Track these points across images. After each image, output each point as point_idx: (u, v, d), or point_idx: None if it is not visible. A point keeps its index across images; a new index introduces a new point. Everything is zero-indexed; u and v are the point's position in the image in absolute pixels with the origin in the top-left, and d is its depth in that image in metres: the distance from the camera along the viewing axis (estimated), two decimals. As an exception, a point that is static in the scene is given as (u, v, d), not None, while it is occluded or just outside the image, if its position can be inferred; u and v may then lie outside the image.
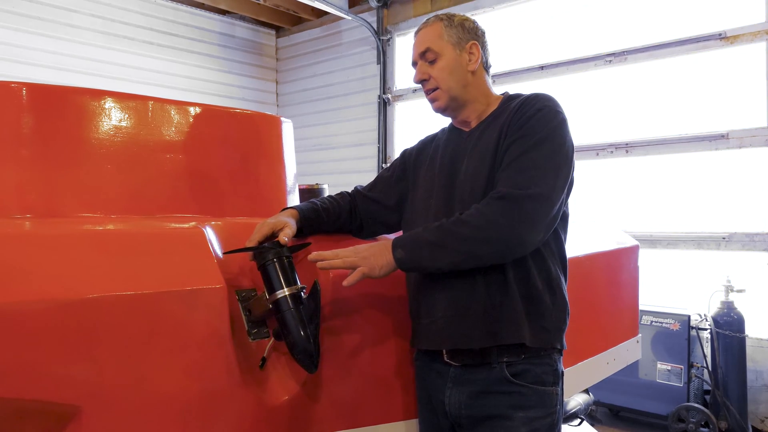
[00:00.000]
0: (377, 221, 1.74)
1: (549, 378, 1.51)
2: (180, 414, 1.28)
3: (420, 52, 1.62)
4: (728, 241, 4.62)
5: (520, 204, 1.38)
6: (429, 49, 1.60)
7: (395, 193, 1.73)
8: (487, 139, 1.56)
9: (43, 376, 1.14)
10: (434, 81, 1.60)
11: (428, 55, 1.60)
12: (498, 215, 1.38)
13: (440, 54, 1.59)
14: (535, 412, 1.47)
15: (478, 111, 1.63)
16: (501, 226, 1.37)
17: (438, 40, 1.59)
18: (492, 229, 1.38)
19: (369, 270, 1.42)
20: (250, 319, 1.49)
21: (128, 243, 1.35)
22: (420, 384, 1.65)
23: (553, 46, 5.55)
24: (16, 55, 5.66)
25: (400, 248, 1.44)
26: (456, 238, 1.40)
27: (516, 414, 1.46)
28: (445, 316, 1.51)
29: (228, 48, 7.49)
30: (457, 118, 1.66)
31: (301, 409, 1.48)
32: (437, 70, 1.59)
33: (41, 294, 1.15)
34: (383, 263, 1.43)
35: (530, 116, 1.49)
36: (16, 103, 1.55)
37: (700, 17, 4.77)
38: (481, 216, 1.39)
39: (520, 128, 1.48)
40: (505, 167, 1.46)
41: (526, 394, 1.47)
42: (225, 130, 1.82)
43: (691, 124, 4.82)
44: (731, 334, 4.21)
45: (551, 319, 1.52)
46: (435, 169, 1.65)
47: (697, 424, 4.15)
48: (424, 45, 1.61)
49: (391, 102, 6.82)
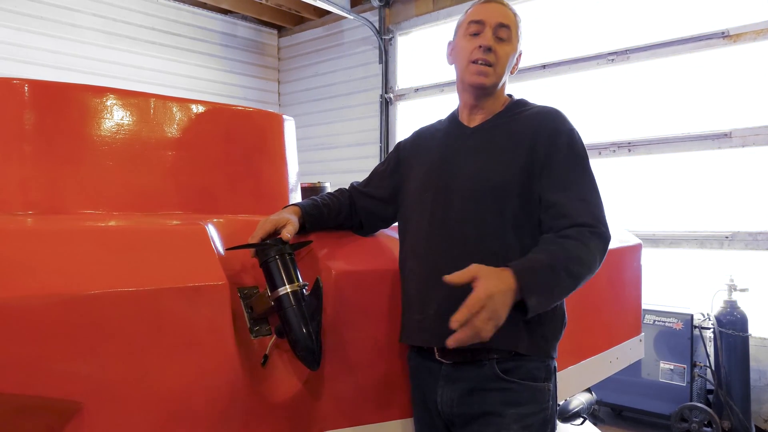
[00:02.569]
0: (375, 217, 1.73)
1: (541, 374, 1.49)
2: (182, 411, 1.28)
3: (500, 23, 1.54)
4: (731, 240, 4.61)
5: (604, 241, 1.47)
6: (509, 27, 1.55)
7: (389, 186, 1.71)
8: (499, 142, 1.55)
9: (46, 372, 1.13)
10: (495, 57, 1.54)
11: (503, 32, 1.54)
12: (596, 252, 1.44)
13: (510, 40, 1.56)
14: (527, 409, 1.45)
15: (491, 109, 1.61)
16: (596, 261, 1.44)
17: (515, 28, 1.57)
18: (594, 264, 1.44)
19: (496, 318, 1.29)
20: (252, 317, 1.48)
21: (130, 240, 1.35)
22: (414, 383, 1.63)
23: (555, 45, 5.54)
24: (19, 55, 5.67)
25: (535, 296, 1.33)
26: (576, 278, 1.42)
27: (508, 410, 1.44)
28: (437, 313, 1.46)
29: (230, 47, 7.49)
30: (476, 104, 1.61)
31: (302, 406, 1.48)
32: (504, 52, 1.55)
33: (44, 290, 1.15)
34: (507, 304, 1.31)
35: (566, 132, 1.53)
36: (19, 100, 1.55)
37: (703, 15, 4.76)
38: (590, 254, 1.42)
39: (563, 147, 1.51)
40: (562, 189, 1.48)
41: (517, 391, 1.46)
42: (227, 128, 1.82)
43: (694, 122, 4.81)
44: (734, 333, 4.19)
45: (550, 327, 1.50)
46: (431, 162, 1.62)
47: (700, 423, 4.13)
48: (506, 20, 1.55)
49: (393, 101, 6.82)
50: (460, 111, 1.68)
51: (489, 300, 1.25)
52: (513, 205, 1.50)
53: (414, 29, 6.63)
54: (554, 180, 1.49)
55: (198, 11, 7.14)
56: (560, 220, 1.46)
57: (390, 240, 1.79)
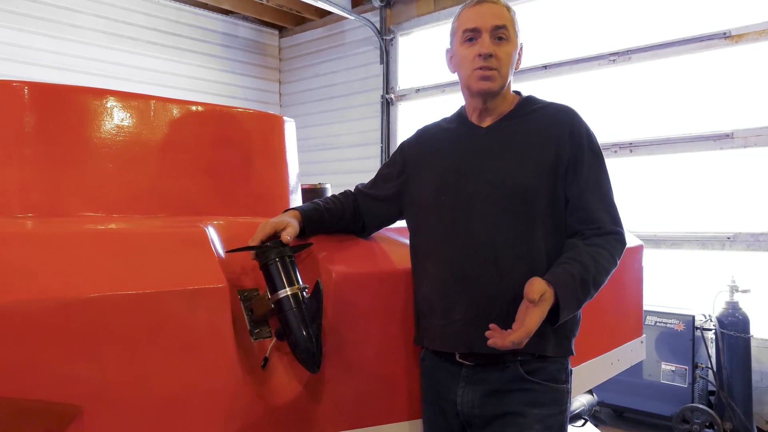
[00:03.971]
0: (380, 218, 1.72)
1: (562, 375, 1.51)
2: (182, 414, 1.28)
3: (496, 26, 1.50)
4: (733, 241, 4.60)
5: (624, 245, 1.52)
6: (506, 27, 1.51)
7: (394, 187, 1.70)
8: (517, 142, 1.54)
9: (46, 375, 1.13)
10: (497, 61, 1.51)
11: (501, 33, 1.51)
12: (618, 258, 1.50)
13: (510, 39, 1.52)
14: (549, 410, 1.47)
15: (501, 108, 1.59)
16: (616, 263, 1.50)
17: (511, 26, 1.53)
18: (614, 267, 1.49)
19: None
20: (252, 319, 1.48)
21: (130, 242, 1.35)
22: (428, 384, 1.61)
23: (557, 46, 5.53)
24: (20, 56, 5.67)
25: (567, 311, 1.40)
26: (600, 286, 1.47)
27: (530, 411, 1.45)
28: (463, 319, 1.48)
29: (231, 48, 7.49)
30: (486, 107, 1.58)
31: (303, 409, 1.47)
32: (504, 52, 1.51)
33: (43, 293, 1.15)
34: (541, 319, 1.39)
35: (585, 132, 1.55)
36: (19, 102, 1.54)
37: (705, 16, 4.74)
38: (614, 262, 1.48)
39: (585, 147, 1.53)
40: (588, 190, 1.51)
41: (540, 392, 1.47)
42: (227, 130, 1.82)
43: (696, 123, 4.80)
44: (736, 334, 4.19)
45: (570, 327, 1.53)
46: (445, 164, 1.59)
47: (701, 425, 4.12)
48: (502, 20, 1.51)
49: (394, 102, 6.81)
50: (469, 112, 1.64)
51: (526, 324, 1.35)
52: (540, 207, 1.49)
53: (415, 30, 6.63)
54: (580, 181, 1.51)
55: (199, 12, 7.14)
56: (588, 225, 1.50)
57: (390, 242, 1.78)
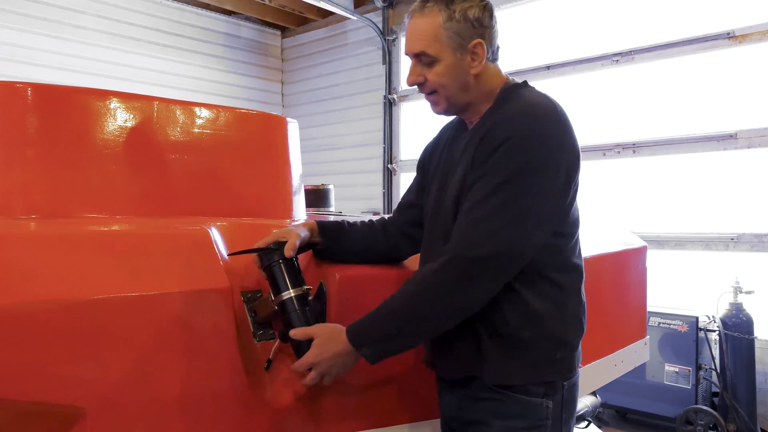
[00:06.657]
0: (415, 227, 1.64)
1: (538, 389, 1.40)
2: (185, 416, 1.27)
3: (414, 53, 1.40)
4: (737, 242, 4.59)
5: (465, 269, 1.29)
6: (424, 53, 1.38)
7: (419, 191, 1.65)
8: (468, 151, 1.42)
9: (48, 377, 1.13)
10: (431, 85, 1.42)
11: (423, 59, 1.39)
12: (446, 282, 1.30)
13: (438, 59, 1.38)
14: (516, 423, 1.40)
15: (480, 107, 1.47)
16: (450, 293, 1.31)
17: (435, 43, 1.37)
18: (444, 300, 1.32)
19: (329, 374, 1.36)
20: (255, 321, 1.48)
21: (134, 244, 1.35)
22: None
23: (560, 46, 5.52)
24: (22, 56, 5.69)
25: (364, 347, 1.33)
26: (412, 321, 1.33)
27: (494, 421, 1.42)
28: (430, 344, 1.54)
29: (233, 48, 7.50)
30: (464, 117, 1.53)
31: (306, 410, 1.47)
32: (434, 74, 1.39)
33: (46, 295, 1.14)
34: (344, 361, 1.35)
35: (496, 147, 1.31)
36: (21, 103, 1.54)
37: (708, 16, 4.73)
38: (429, 290, 1.32)
39: (484, 163, 1.33)
40: (464, 213, 1.34)
41: (506, 403, 1.41)
42: (230, 131, 1.81)
43: (699, 124, 4.79)
44: (740, 335, 4.17)
45: (536, 353, 1.40)
46: (435, 169, 1.58)
47: (705, 426, 4.11)
48: (417, 46, 1.38)
49: (397, 102, 6.81)
50: None
51: (314, 366, 1.34)
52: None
53: (417, 30, 6.62)
54: (468, 199, 1.35)
55: (201, 12, 7.15)
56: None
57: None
